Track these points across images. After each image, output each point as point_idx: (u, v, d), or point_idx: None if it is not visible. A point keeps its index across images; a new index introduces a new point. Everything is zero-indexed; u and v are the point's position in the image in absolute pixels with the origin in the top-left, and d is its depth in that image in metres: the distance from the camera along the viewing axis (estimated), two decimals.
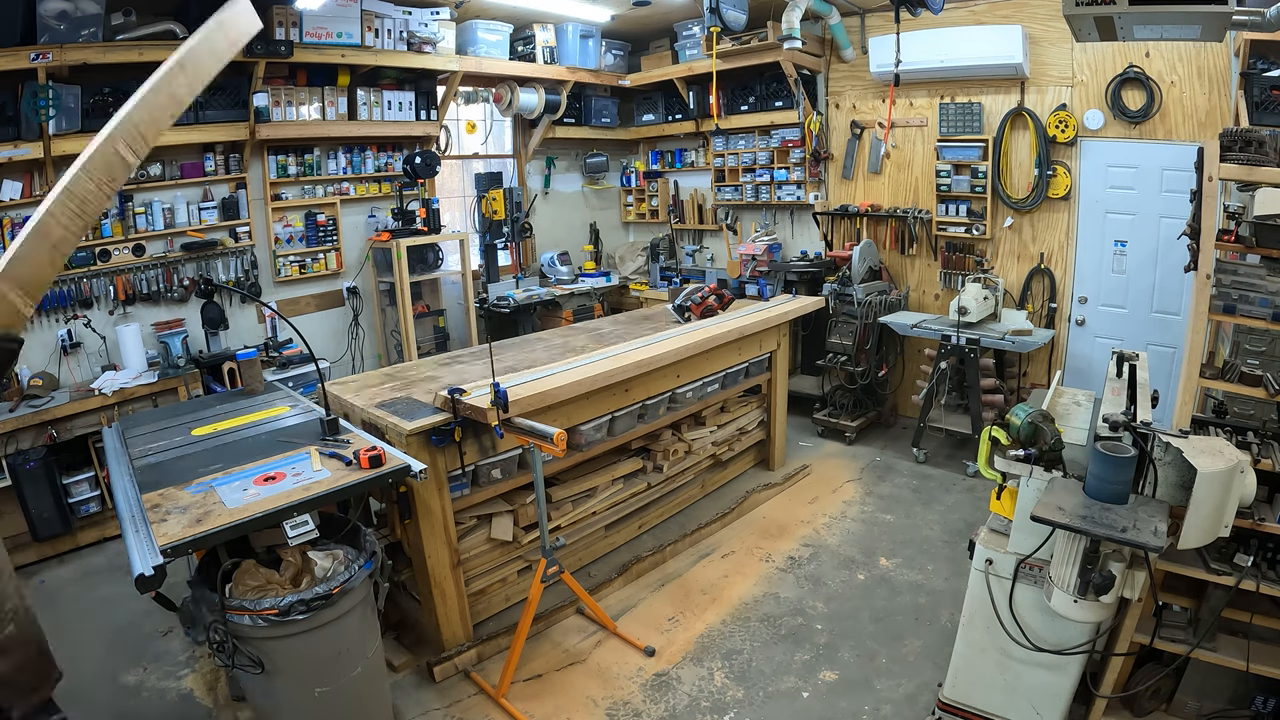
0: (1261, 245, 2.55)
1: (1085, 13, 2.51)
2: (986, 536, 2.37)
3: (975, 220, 5.26)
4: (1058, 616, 2.11)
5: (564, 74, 6.22)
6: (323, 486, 2.27)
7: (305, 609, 2.08)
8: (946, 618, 3.27)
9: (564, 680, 2.98)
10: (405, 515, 2.86)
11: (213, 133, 4.61)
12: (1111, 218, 4.79)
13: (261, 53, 4.41)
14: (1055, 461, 2.21)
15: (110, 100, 4.17)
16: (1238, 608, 2.35)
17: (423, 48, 5.28)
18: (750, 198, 6.50)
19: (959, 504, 4.43)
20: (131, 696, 2.92)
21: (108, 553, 4.08)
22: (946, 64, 5.01)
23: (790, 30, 4.86)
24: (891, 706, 2.79)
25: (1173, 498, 2.04)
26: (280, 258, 5.15)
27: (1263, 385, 2.47)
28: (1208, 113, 4.28)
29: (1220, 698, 2.54)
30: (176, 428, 2.96)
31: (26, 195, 4.10)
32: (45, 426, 3.85)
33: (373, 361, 5.78)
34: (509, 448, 3.12)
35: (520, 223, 6.13)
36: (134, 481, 2.40)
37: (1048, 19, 4.69)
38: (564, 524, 3.56)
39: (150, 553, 1.92)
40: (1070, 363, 5.14)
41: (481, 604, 3.28)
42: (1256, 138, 2.53)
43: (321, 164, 5.30)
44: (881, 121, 5.55)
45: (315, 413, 3.01)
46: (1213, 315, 2.58)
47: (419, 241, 5.47)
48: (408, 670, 3.04)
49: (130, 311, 4.53)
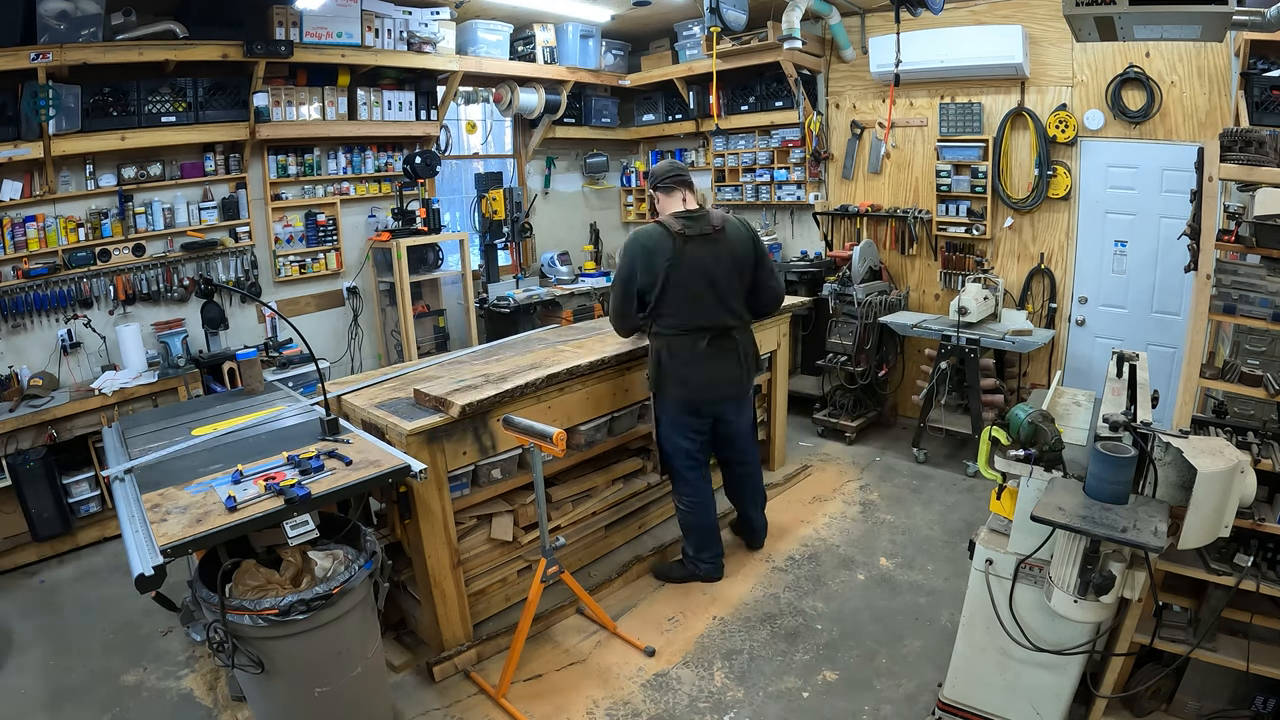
0: (1261, 245, 2.55)
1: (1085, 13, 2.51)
2: (986, 536, 2.37)
3: (975, 220, 5.26)
4: (1058, 616, 2.11)
5: (564, 74, 6.22)
6: (323, 486, 2.27)
7: (305, 609, 2.08)
8: (946, 618, 3.27)
9: (564, 680, 2.98)
10: (405, 515, 2.85)
11: (213, 133, 4.60)
12: (1111, 218, 4.79)
13: (261, 53, 4.41)
14: (1055, 461, 2.21)
15: (110, 100, 4.18)
16: (1238, 608, 2.35)
17: (423, 48, 5.28)
18: (750, 198, 6.50)
19: (959, 504, 4.43)
20: (131, 696, 2.92)
21: (107, 553, 4.08)
22: (946, 64, 5.01)
23: (790, 30, 4.86)
24: (891, 706, 2.79)
25: (1173, 498, 2.04)
26: (280, 258, 5.15)
27: (1263, 385, 2.47)
28: (1208, 113, 4.28)
29: (1220, 698, 2.54)
30: (176, 428, 2.96)
31: (26, 195, 4.11)
32: (45, 426, 3.86)
33: (372, 361, 5.78)
34: (509, 447, 3.12)
35: (520, 223, 6.13)
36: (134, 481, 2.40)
37: (1048, 19, 4.69)
38: (564, 524, 3.56)
39: (150, 553, 1.92)
40: (1070, 363, 5.14)
41: (481, 604, 3.28)
42: (1256, 138, 2.53)
43: (321, 164, 5.30)
44: (881, 121, 5.55)
45: (315, 413, 3.02)
46: (1213, 315, 2.57)
47: (419, 241, 5.47)
48: (408, 670, 3.04)
49: (130, 311, 4.53)
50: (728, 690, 2.90)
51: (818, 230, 6.08)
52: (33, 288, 4.14)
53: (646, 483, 3.98)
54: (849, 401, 5.45)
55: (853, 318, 5.18)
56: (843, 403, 5.48)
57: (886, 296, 5.31)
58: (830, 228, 6.01)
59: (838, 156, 5.97)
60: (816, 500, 4.52)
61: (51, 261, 4.18)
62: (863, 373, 5.23)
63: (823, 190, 6.12)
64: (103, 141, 4.18)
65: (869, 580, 3.65)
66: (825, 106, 5.96)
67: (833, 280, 5.42)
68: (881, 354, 5.33)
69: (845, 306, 5.24)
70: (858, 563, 3.80)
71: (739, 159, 6.53)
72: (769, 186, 6.36)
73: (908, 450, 5.15)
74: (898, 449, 5.28)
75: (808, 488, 4.71)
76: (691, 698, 2.86)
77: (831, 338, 5.30)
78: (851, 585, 3.61)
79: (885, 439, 5.50)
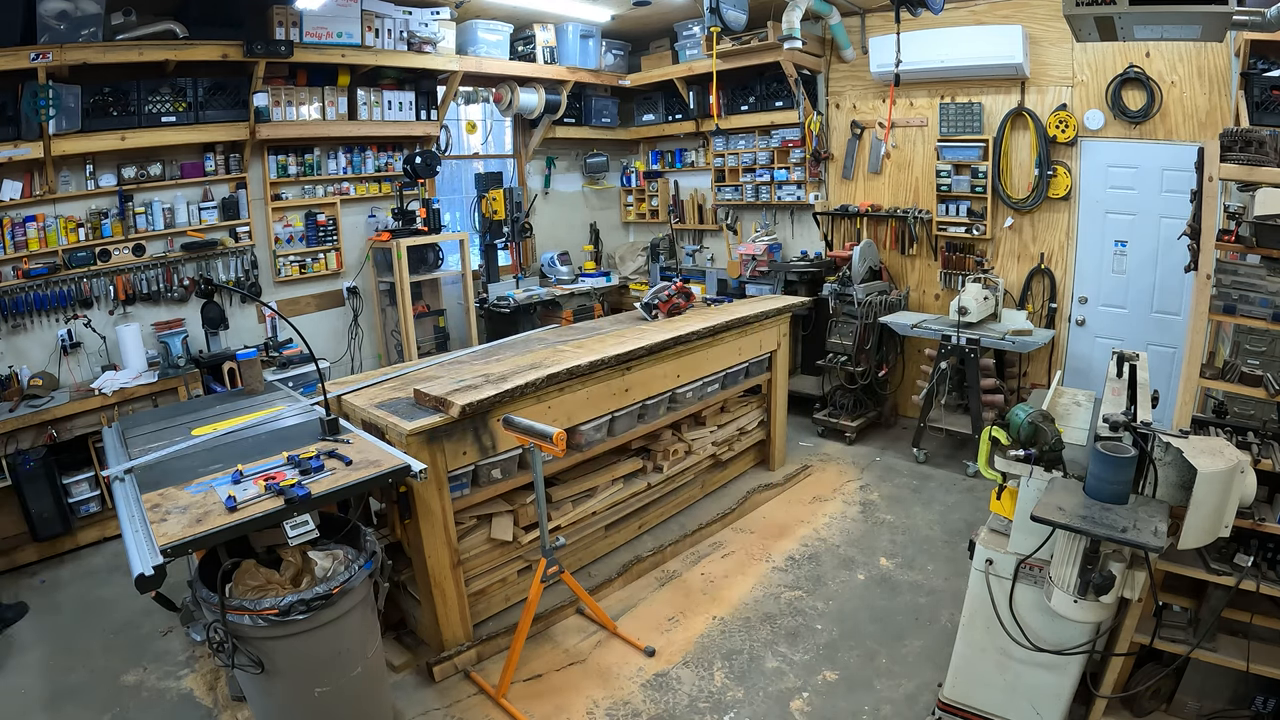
0: (1261, 245, 2.55)
1: (1085, 13, 2.50)
2: (986, 536, 2.37)
3: (975, 220, 5.26)
4: (1058, 616, 2.11)
5: (564, 74, 6.22)
6: (323, 486, 2.27)
7: (305, 609, 2.08)
8: (946, 618, 3.27)
9: (564, 680, 2.98)
10: (405, 515, 2.86)
11: (213, 133, 4.60)
12: (1111, 218, 4.79)
13: (261, 53, 4.41)
14: (1055, 461, 2.21)
15: (110, 100, 4.18)
16: (1238, 608, 2.35)
17: (423, 48, 5.28)
18: (750, 198, 6.50)
19: (959, 504, 4.43)
20: (131, 696, 2.92)
21: (107, 553, 4.08)
22: (947, 64, 5.01)
23: (790, 30, 4.85)
24: (891, 706, 2.79)
25: (1173, 498, 2.04)
26: (280, 258, 5.15)
27: (1263, 385, 2.47)
28: (1208, 113, 4.28)
29: (1220, 698, 2.54)
30: (176, 428, 2.96)
31: (26, 195, 4.10)
32: (45, 426, 3.86)
33: (372, 361, 5.78)
34: (509, 447, 3.12)
35: (520, 223, 6.14)
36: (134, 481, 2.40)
37: (1048, 19, 4.69)
38: (564, 524, 3.56)
39: (150, 553, 1.92)
40: (1070, 363, 5.14)
41: (481, 604, 3.28)
42: (1257, 138, 2.53)
43: (321, 164, 5.30)
44: (882, 121, 5.55)
45: (315, 413, 3.02)
46: (1213, 315, 2.58)
47: (419, 241, 5.47)
48: (408, 670, 3.04)
49: (130, 311, 4.53)
50: (728, 690, 2.90)
51: (818, 230, 6.08)
52: (33, 288, 4.14)
53: (646, 483, 3.98)
54: (849, 401, 5.45)
55: (853, 318, 5.18)
56: (843, 403, 5.48)
57: (886, 296, 5.31)
58: (830, 228, 6.01)
59: (838, 156, 5.97)
60: (816, 500, 4.52)
61: (51, 261, 4.18)
62: (863, 373, 5.23)
63: (823, 190, 6.12)
64: (103, 141, 4.18)
65: (869, 580, 3.65)
66: (825, 106, 5.96)
67: (833, 280, 5.42)
68: (881, 354, 5.33)
69: (845, 306, 5.24)
70: (858, 563, 3.80)
71: (739, 159, 6.53)
72: (769, 186, 6.36)
73: (908, 450, 5.15)
74: (898, 449, 5.28)
75: (808, 488, 4.71)
76: (691, 698, 2.86)
77: (831, 338, 5.30)
78: (851, 585, 3.61)
79: (885, 439, 5.50)
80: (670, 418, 4.01)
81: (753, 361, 4.47)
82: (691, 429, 4.27)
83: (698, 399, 4.11)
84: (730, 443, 4.56)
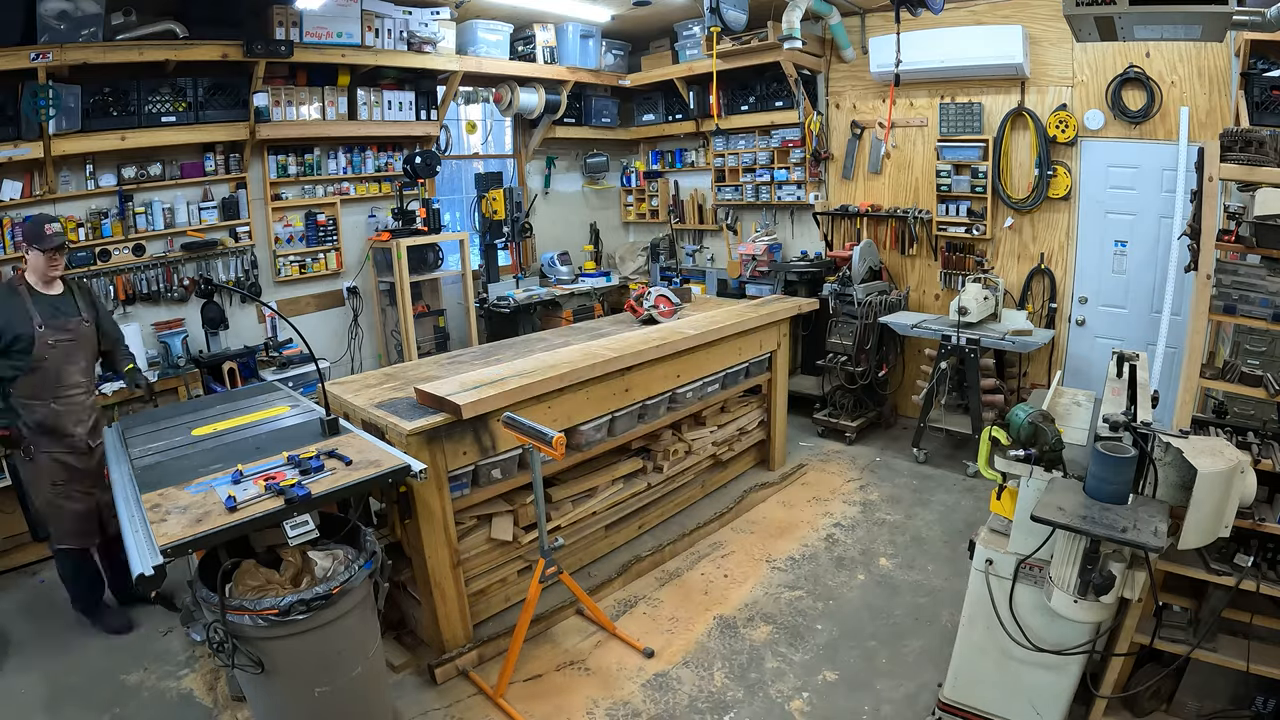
0: (1261, 245, 2.55)
1: (1085, 13, 2.50)
2: (986, 536, 2.37)
3: (975, 220, 5.26)
4: (1058, 616, 2.11)
5: (564, 74, 6.22)
6: (323, 486, 2.27)
7: (305, 609, 2.08)
8: (946, 618, 3.27)
9: (563, 681, 2.98)
10: (405, 515, 2.86)
11: (213, 132, 4.60)
12: (1111, 218, 4.79)
13: (261, 53, 4.41)
14: (1055, 461, 2.21)
15: (110, 100, 4.18)
16: (1238, 608, 2.35)
17: (423, 48, 5.28)
18: (750, 198, 6.50)
19: (959, 504, 4.43)
20: (131, 696, 2.92)
21: None
22: (947, 64, 5.01)
23: (790, 30, 4.85)
24: (891, 706, 2.79)
25: (1173, 498, 2.04)
26: (280, 258, 5.14)
27: (1263, 385, 2.47)
28: (1208, 113, 4.28)
29: (1220, 698, 2.54)
30: (176, 428, 2.95)
31: (26, 195, 4.10)
32: None
33: (372, 361, 5.78)
34: (509, 447, 3.12)
35: (520, 223, 6.13)
36: (134, 481, 2.40)
37: (1048, 19, 4.69)
38: (564, 524, 3.56)
39: (150, 553, 1.92)
40: (1070, 363, 5.14)
41: (482, 604, 3.28)
42: (1257, 138, 2.53)
43: (321, 164, 5.30)
44: (881, 121, 5.55)
45: (315, 413, 3.01)
46: (1213, 315, 2.58)
47: (419, 241, 5.47)
48: (408, 670, 3.04)
49: (130, 311, 4.52)
50: (728, 690, 2.90)
51: (818, 230, 6.08)
52: None
53: (646, 483, 3.98)
54: (849, 401, 5.45)
55: (853, 318, 5.18)
56: (843, 403, 5.48)
57: (886, 296, 5.31)
58: (830, 228, 6.01)
59: (838, 156, 5.97)
60: (816, 500, 4.52)
61: None
62: (863, 373, 5.23)
63: (823, 190, 6.12)
64: (103, 141, 4.18)
65: (869, 580, 3.65)
66: (825, 106, 5.96)
67: (833, 280, 5.42)
68: (881, 354, 5.33)
69: (845, 306, 5.24)
70: (858, 563, 3.80)
71: (739, 159, 6.53)
72: (769, 186, 6.36)
73: (908, 450, 5.15)
74: (898, 449, 5.28)
75: (808, 488, 4.71)
76: (691, 698, 2.86)
77: (831, 338, 5.30)
78: (851, 585, 3.61)
79: (885, 439, 5.50)
80: (670, 418, 4.01)
81: (753, 361, 4.47)
82: (692, 429, 4.27)
83: (698, 399, 4.11)
84: (730, 443, 4.56)
